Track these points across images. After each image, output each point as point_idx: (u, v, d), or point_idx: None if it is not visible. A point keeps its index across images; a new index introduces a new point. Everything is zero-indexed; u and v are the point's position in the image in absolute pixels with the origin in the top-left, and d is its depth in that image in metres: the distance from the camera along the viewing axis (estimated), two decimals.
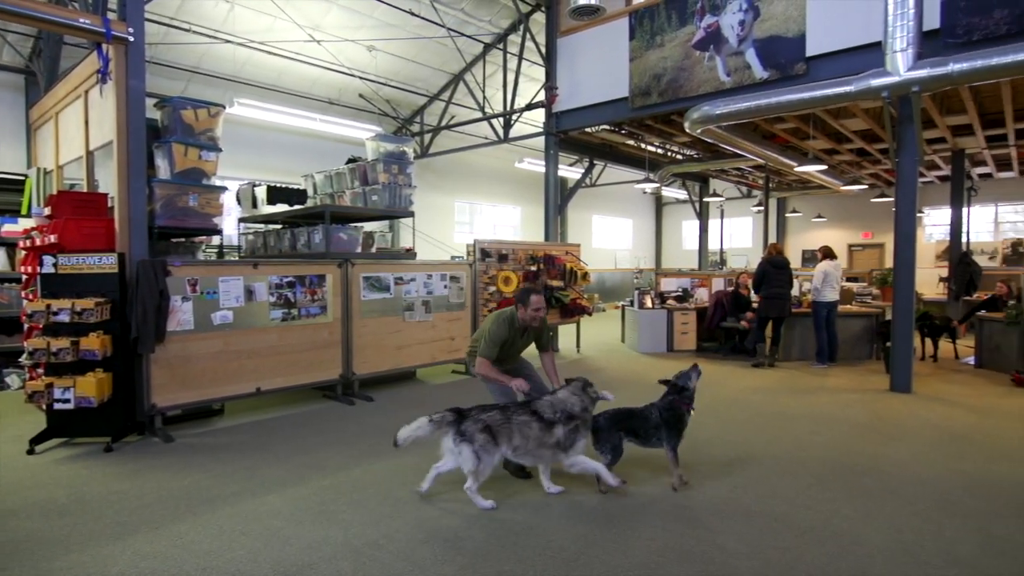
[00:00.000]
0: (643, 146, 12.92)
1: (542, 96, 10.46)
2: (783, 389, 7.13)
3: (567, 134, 10.63)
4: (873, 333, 9.20)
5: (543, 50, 10.45)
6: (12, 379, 7.05)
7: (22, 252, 5.91)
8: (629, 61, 9.03)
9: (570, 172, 16.36)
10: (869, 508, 3.68)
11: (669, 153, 13.71)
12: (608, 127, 10.90)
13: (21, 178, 7.68)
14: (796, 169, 11.59)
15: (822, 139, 11.10)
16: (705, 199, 17.40)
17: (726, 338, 9.96)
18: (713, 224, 18.24)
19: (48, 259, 4.85)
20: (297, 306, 6.11)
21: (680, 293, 10.67)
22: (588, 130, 10.90)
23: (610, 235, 22.05)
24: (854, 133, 10.67)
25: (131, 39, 5.10)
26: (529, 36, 10.75)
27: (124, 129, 5.12)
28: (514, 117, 11.56)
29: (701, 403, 4.14)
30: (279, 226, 8.27)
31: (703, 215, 17.51)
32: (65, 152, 6.58)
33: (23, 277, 5.79)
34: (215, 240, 7.64)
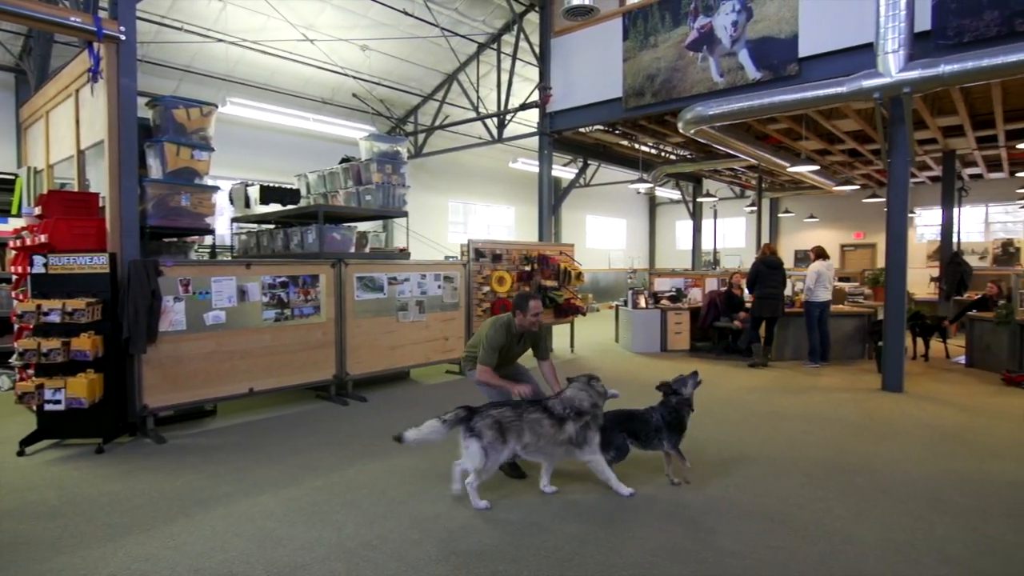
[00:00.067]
0: (637, 146, 12.95)
1: (536, 96, 10.47)
2: (776, 389, 7.16)
3: (561, 134, 10.65)
4: (865, 333, 9.25)
5: (537, 50, 10.46)
6: (2, 380, 6.99)
7: (12, 252, 5.86)
8: (623, 61, 9.05)
9: (564, 172, 16.40)
10: (861, 507, 3.70)
11: (663, 153, 13.76)
12: (602, 127, 10.92)
13: (11, 177, 7.61)
14: (789, 169, 11.66)
15: (814, 140, 11.16)
16: (698, 199, 17.47)
17: (719, 338, 10.01)
18: (706, 224, 18.32)
19: (38, 259, 4.81)
20: (290, 306, 6.09)
21: (674, 293, 10.70)
22: (582, 130, 10.92)
23: (604, 235, 22.09)
24: (846, 134, 10.73)
25: (122, 37, 5.07)
26: (523, 36, 10.76)
27: (115, 128, 5.09)
28: (508, 117, 11.57)
29: (695, 403, 4.14)
30: (272, 226, 8.24)
31: (696, 215, 17.57)
32: (56, 151, 6.53)
33: (13, 277, 5.74)
34: (207, 240, 7.58)
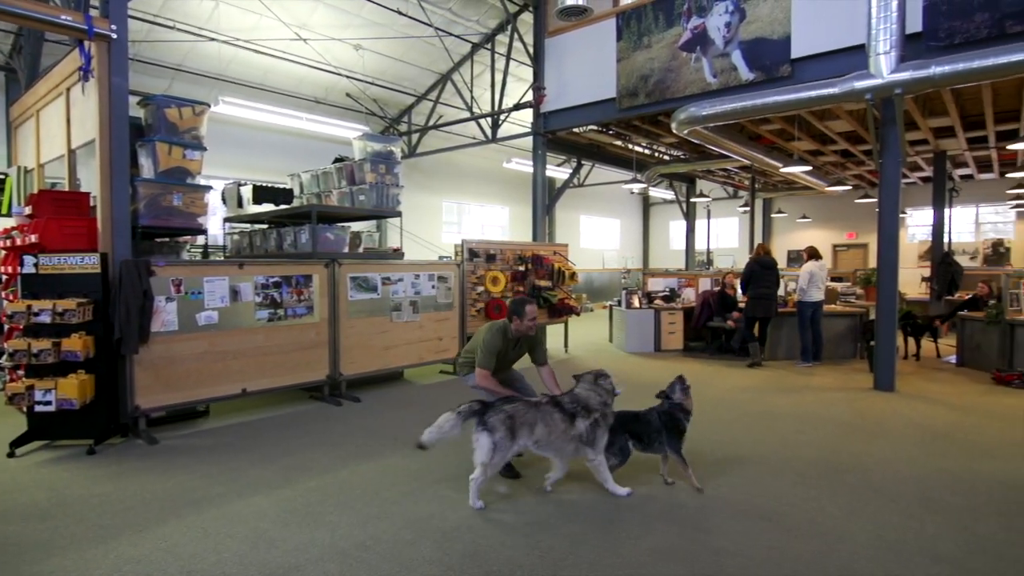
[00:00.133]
0: (630, 146, 12.97)
1: (530, 96, 10.47)
2: (769, 388, 7.19)
3: (555, 134, 10.65)
4: (857, 332, 9.31)
5: (531, 50, 10.46)
6: None
7: (2, 252, 5.81)
8: (616, 62, 9.06)
9: (558, 172, 16.40)
10: (853, 506, 3.72)
11: (656, 154, 13.79)
12: (596, 127, 10.93)
13: (1, 177, 7.55)
14: (781, 170, 11.70)
15: (807, 140, 11.21)
16: (692, 199, 17.52)
17: (713, 338, 10.04)
18: (700, 224, 18.38)
19: (29, 259, 4.77)
20: (283, 306, 6.07)
21: (667, 293, 10.73)
22: (576, 130, 10.92)
23: (598, 235, 22.12)
24: (838, 135, 10.78)
25: (114, 36, 5.03)
26: (517, 36, 10.76)
27: (107, 127, 5.06)
28: (502, 117, 11.56)
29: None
30: (265, 226, 8.21)
31: (690, 215, 17.63)
32: (46, 150, 6.48)
33: (3, 277, 5.70)
34: (200, 240, 7.54)
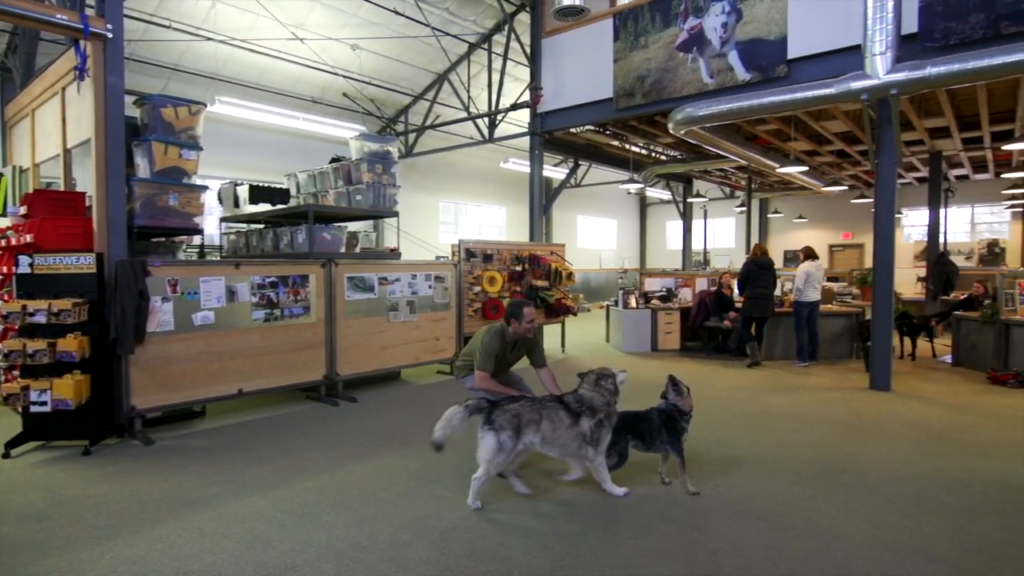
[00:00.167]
0: (627, 147, 12.99)
1: (527, 96, 10.47)
2: (766, 388, 7.20)
3: (552, 134, 10.66)
4: (853, 332, 9.33)
5: (528, 50, 10.47)
6: None
7: None
8: (613, 62, 9.07)
9: (555, 172, 16.40)
10: (849, 505, 3.73)
11: (653, 154, 13.81)
12: (593, 128, 10.94)
13: None
14: (778, 170, 11.74)
15: (803, 141, 11.23)
16: (689, 200, 17.55)
17: (709, 337, 10.05)
18: (697, 224, 18.42)
19: (24, 259, 4.76)
20: (280, 306, 6.06)
21: (664, 293, 10.74)
22: (573, 130, 10.93)
23: (595, 235, 22.14)
24: (834, 135, 10.81)
25: (109, 35, 5.02)
26: (514, 36, 10.75)
27: (102, 127, 5.04)
28: (499, 117, 11.56)
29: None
30: (262, 226, 8.19)
31: (687, 215, 17.65)
32: (42, 150, 6.46)
33: None
34: (196, 240, 7.53)
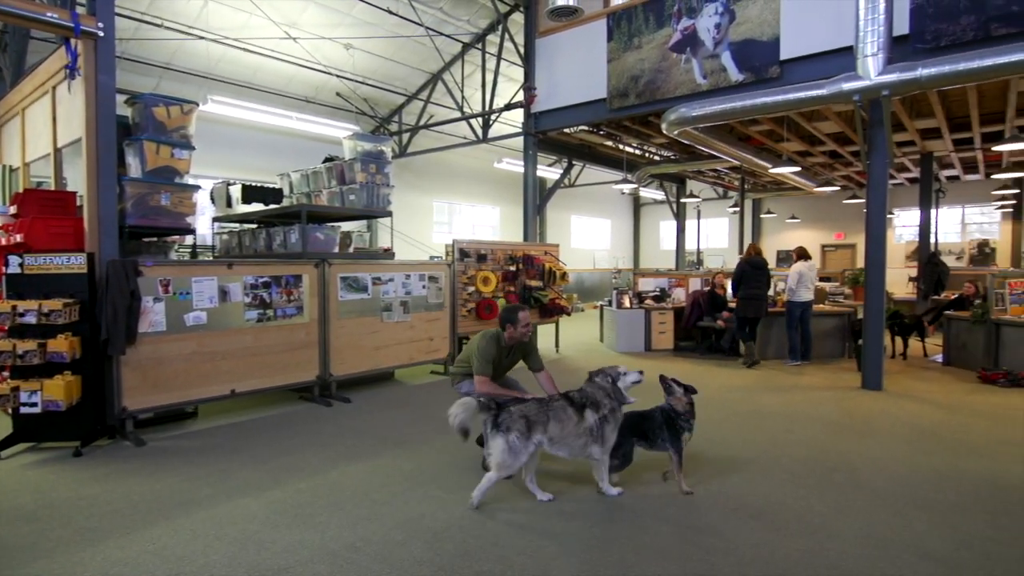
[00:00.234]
0: (621, 147, 13.01)
1: (521, 96, 10.48)
2: (759, 387, 7.23)
3: (546, 134, 10.66)
4: (845, 332, 9.38)
5: (522, 50, 10.47)
6: None
7: None
8: (607, 62, 9.09)
9: (549, 172, 16.43)
10: (842, 504, 3.75)
11: (647, 154, 13.84)
12: (586, 128, 10.95)
13: None
14: (771, 171, 11.78)
15: (796, 141, 11.29)
16: (682, 200, 17.60)
17: (703, 337, 10.08)
18: (690, 225, 18.48)
19: (14, 259, 4.72)
20: (273, 307, 6.03)
21: (657, 293, 10.76)
22: (567, 131, 10.94)
23: (589, 235, 22.17)
24: (827, 136, 10.87)
25: (101, 34, 4.98)
26: (508, 36, 10.77)
27: (93, 126, 5.00)
28: (493, 117, 11.57)
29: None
30: (254, 226, 8.16)
31: (680, 216, 17.71)
32: (32, 149, 6.41)
33: None
34: (188, 240, 7.50)
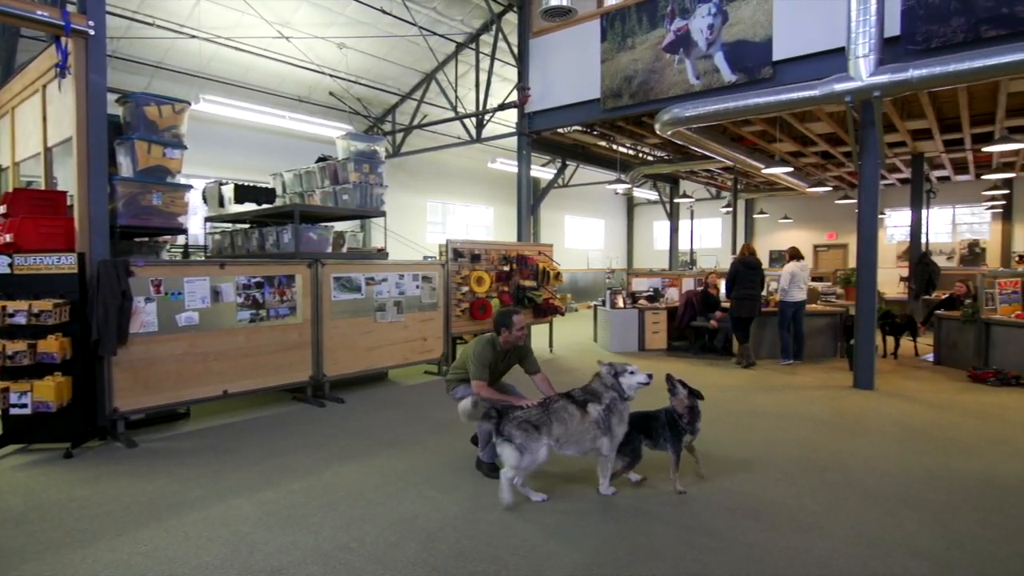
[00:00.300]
0: (615, 147, 13.03)
1: (515, 96, 10.48)
2: (752, 387, 7.26)
3: (539, 134, 10.67)
4: (837, 331, 9.43)
5: (515, 50, 10.47)
6: None
7: None
8: (601, 63, 9.10)
9: (543, 172, 16.43)
10: (833, 503, 3.77)
11: (640, 154, 13.87)
12: (580, 128, 10.96)
13: None
14: (763, 171, 11.83)
15: (788, 142, 11.33)
16: (675, 200, 17.64)
17: (696, 337, 10.11)
18: (683, 225, 18.51)
19: (3, 259, 4.69)
20: (265, 307, 6.01)
21: (651, 293, 10.79)
22: (560, 131, 10.95)
23: (582, 235, 22.19)
24: (819, 136, 10.92)
25: (91, 32, 4.95)
26: (501, 36, 10.76)
27: (84, 125, 4.98)
28: (487, 117, 11.55)
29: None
30: (247, 225, 8.13)
31: (673, 216, 17.74)
32: (22, 148, 6.36)
33: None
34: (180, 240, 7.45)
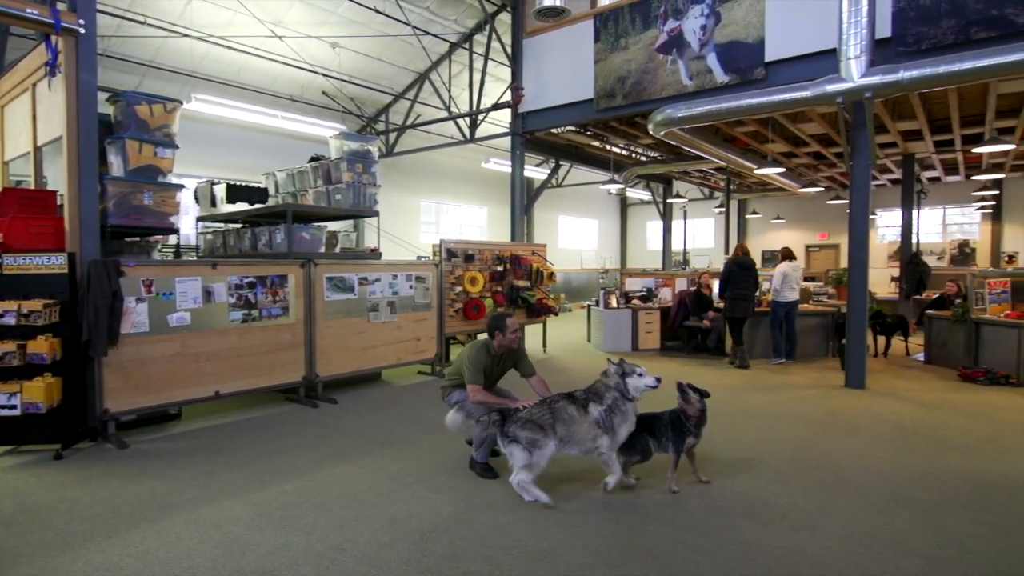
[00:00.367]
0: (608, 147, 13.05)
1: (508, 96, 10.48)
2: (744, 387, 7.29)
3: (533, 135, 10.67)
4: (829, 331, 9.48)
5: (509, 50, 10.47)
6: None
7: None
8: (594, 63, 9.12)
9: (536, 172, 16.45)
10: (824, 501, 3.79)
11: (633, 155, 13.90)
12: (574, 128, 10.97)
13: None
14: (756, 171, 11.88)
15: (780, 143, 11.38)
16: (669, 200, 17.69)
17: (689, 337, 10.15)
18: (676, 225, 18.57)
19: None
20: (258, 307, 5.98)
21: (644, 293, 10.82)
22: (554, 131, 10.96)
23: (576, 235, 22.22)
24: (811, 137, 10.97)
25: (82, 31, 4.91)
26: (495, 36, 10.76)
27: (74, 124, 4.93)
28: (480, 117, 11.56)
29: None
30: (239, 225, 8.09)
31: (667, 216, 17.80)
32: (11, 148, 6.31)
33: None
34: (171, 239, 7.41)
